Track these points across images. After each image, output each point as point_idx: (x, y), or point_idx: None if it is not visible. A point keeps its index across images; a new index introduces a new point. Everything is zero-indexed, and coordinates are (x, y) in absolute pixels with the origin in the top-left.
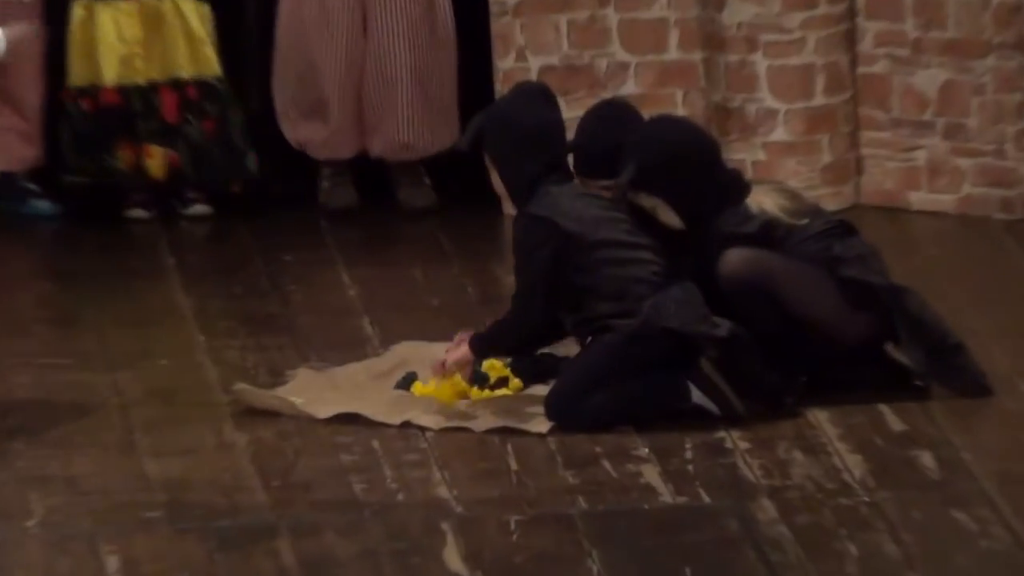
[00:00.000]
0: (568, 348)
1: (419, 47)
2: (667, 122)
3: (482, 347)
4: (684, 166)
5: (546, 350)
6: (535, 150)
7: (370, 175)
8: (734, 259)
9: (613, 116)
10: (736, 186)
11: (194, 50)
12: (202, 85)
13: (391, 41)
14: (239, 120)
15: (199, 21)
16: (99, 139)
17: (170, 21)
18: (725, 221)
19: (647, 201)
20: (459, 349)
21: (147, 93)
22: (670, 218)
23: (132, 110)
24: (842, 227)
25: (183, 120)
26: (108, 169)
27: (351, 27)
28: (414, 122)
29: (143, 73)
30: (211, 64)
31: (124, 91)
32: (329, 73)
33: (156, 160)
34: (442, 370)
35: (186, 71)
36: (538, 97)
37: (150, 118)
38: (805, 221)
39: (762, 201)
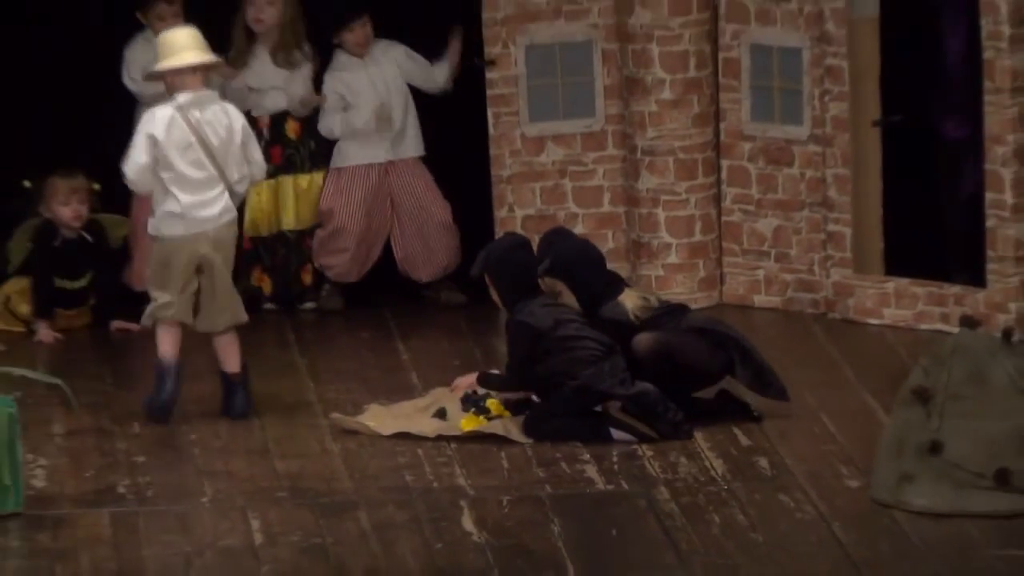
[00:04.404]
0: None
1: (422, 218)
2: (574, 238)
3: (485, 383)
4: (584, 260)
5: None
6: (519, 279)
7: (402, 286)
8: (646, 340)
9: (558, 239)
10: (616, 284)
11: (300, 211)
12: (280, 236)
13: (406, 217)
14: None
15: (307, 189)
16: (241, 268)
17: (287, 191)
18: (607, 309)
19: (553, 285)
20: (468, 378)
21: (268, 241)
22: (571, 301)
23: (259, 252)
24: (680, 308)
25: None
26: (246, 286)
27: (366, 200)
28: (440, 259)
29: (265, 228)
30: (306, 220)
31: (253, 240)
32: (351, 232)
33: (266, 283)
34: (456, 388)
35: (289, 226)
36: (521, 244)
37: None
38: (648, 316)
39: (625, 301)
